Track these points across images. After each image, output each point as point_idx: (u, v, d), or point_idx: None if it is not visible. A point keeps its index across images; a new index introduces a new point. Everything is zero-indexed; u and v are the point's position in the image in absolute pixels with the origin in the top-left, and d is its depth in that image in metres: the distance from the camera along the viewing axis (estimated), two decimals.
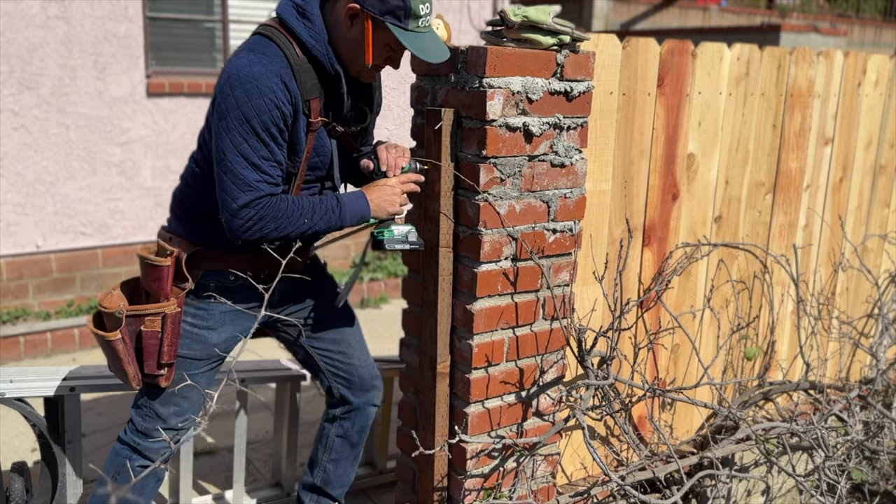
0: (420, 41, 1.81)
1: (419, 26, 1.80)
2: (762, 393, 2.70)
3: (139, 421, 2.02)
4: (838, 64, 2.69)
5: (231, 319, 2.01)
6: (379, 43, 1.83)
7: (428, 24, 1.83)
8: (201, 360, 2.00)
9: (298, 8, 1.84)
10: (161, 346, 1.91)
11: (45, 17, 4.68)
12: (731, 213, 2.53)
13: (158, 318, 1.89)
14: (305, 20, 1.83)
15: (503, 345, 1.99)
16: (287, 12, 1.84)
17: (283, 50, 1.80)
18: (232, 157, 1.76)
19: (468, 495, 2.04)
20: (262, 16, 5.57)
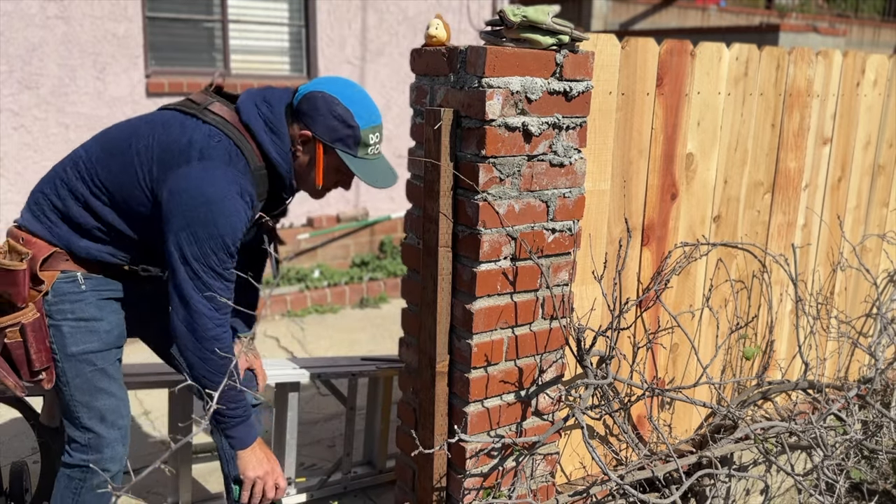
0: (369, 168, 1.92)
1: (368, 153, 1.92)
2: (761, 392, 2.70)
3: (79, 436, 1.96)
4: (837, 64, 2.69)
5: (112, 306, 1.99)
6: (329, 167, 1.94)
7: (378, 152, 1.95)
8: (103, 350, 1.97)
9: (267, 121, 1.90)
10: (28, 355, 1.88)
11: (45, 17, 4.68)
12: (730, 212, 2.53)
13: (17, 328, 1.85)
14: (274, 136, 1.90)
15: (502, 344, 2.00)
16: (256, 124, 1.89)
17: (248, 161, 1.86)
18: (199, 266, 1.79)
19: (467, 494, 2.05)
20: (261, 16, 5.58)
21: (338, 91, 1.90)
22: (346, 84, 1.94)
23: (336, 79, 1.96)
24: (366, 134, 1.89)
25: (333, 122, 1.87)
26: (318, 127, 1.88)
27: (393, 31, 6.07)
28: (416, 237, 2.11)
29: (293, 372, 2.63)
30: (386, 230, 6.21)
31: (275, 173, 1.92)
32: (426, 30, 1.99)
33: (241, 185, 1.81)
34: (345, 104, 1.88)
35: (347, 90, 1.91)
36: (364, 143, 1.89)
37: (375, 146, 1.93)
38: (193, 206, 1.75)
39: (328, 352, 4.50)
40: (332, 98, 1.88)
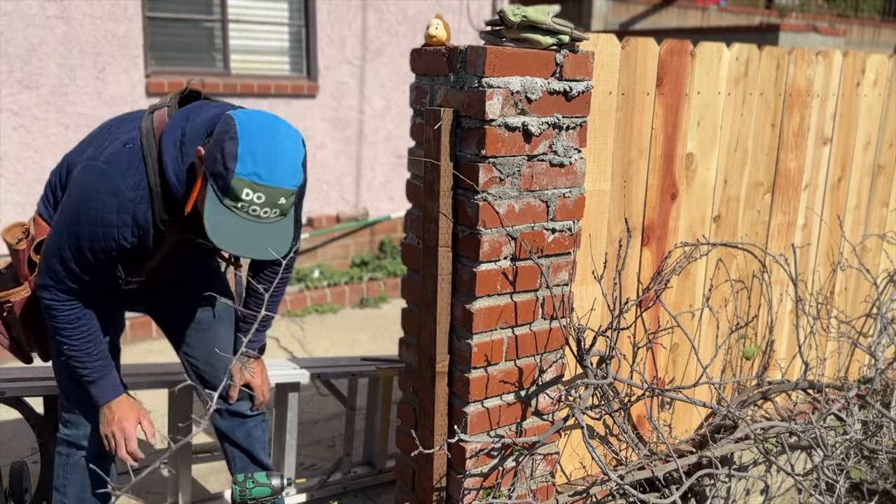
0: (228, 222, 1.64)
1: (237, 208, 1.63)
2: (761, 392, 2.70)
3: (64, 413, 2.06)
4: (837, 64, 2.69)
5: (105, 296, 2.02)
6: (201, 198, 1.71)
7: (255, 214, 1.64)
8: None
9: (183, 136, 1.76)
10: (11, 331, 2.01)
11: (45, 17, 4.68)
12: (730, 212, 2.53)
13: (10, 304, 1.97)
14: (180, 153, 1.75)
15: (502, 344, 2.00)
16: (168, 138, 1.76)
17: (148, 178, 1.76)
18: (53, 248, 1.81)
19: (467, 494, 2.05)
20: (261, 15, 5.58)
21: (248, 127, 1.65)
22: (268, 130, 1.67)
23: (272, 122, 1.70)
24: (238, 183, 1.61)
25: (217, 153, 1.63)
26: (208, 150, 1.67)
27: (393, 30, 6.07)
28: (416, 237, 2.10)
29: (293, 372, 2.63)
30: (386, 230, 6.21)
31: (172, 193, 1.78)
32: (426, 30, 1.99)
33: (121, 201, 1.72)
34: (238, 142, 1.62)
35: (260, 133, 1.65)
36: (233, 192, 1.62)
37: (251, 206, 1.63)
38: (69, 202, 1.78)
39: (328, 352, 4.50)
40: (234, 130, 1.64)
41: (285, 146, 1.67)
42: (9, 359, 4.20)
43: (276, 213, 1.67)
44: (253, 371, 2.22)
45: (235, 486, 1.90)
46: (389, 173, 6.24)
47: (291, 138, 1.70)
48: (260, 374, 2.24)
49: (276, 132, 1.67)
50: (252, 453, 2.31)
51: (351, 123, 5.98)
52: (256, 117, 1.69)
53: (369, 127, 6.09)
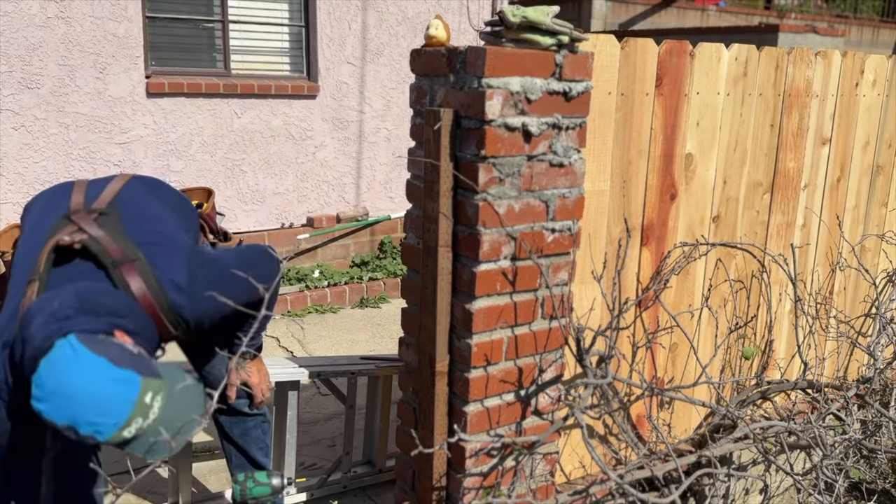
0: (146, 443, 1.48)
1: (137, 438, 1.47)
2: (760, 392, 2.71)
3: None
4: (836, 64, 2.70)
5: None
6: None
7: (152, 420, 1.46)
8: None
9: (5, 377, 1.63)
10: None
11: (45, 17, 4.68)
12: (729, 212, 2.53)
13: None
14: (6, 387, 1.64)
15: (502, 344, 2.00)
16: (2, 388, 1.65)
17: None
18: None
19: (467, 494, 2.05)
20: (261, 16, 5.58)
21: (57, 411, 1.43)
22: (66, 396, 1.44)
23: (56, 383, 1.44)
24: (117, 437, 1.45)
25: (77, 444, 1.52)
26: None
27: (393, 31, 6.08)
28: (416, 237, 2.11)
29: (293, 371, 2.64)
30: (386, 230, 6.21)
31: None
32: (426, 30, 1.99)
33: None
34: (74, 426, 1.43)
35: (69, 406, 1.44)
36: (121, 442, 1.46)
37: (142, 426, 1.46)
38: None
39: (328, 351, 4.51)
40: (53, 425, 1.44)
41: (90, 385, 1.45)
42: None
43: (156, 406, 1.48)
44: (250, 370, 2.22)
45: (236, 486, 1.91)
46: (389, 173, 6.25)
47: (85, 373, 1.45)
48: (257, 372, 2.24)
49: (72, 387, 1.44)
50: (248, 452, 2.32)
51: (351, 123, 5.99)
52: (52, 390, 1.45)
53: (369, 127, 6.09)
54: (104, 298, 1.65)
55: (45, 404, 1.45)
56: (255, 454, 2.34)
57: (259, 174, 5.62)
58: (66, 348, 1.49)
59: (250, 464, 2.34)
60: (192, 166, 5.33)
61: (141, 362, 1.53)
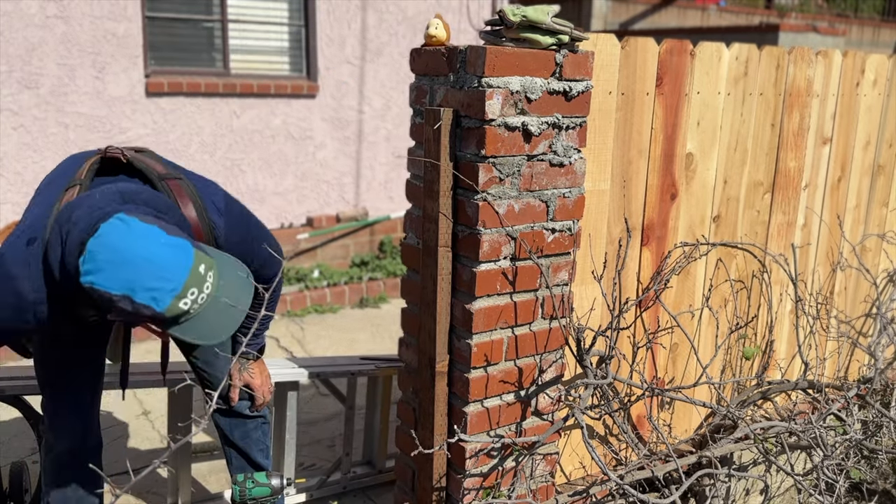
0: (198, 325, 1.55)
1: (190, 314, 1.54)
2: (761, 392, 2.70)
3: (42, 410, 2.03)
4: (837, 64, 2.69)
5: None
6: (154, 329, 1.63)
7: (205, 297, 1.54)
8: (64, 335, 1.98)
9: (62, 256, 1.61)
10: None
11: (44, 17, 4.68)
12: (730, 212, 2.53)
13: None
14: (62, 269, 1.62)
15: (502, 344, 2.00)
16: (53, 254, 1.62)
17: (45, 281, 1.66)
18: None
19: (467, 494, 2.05)
20: (261, 15, 5.58)
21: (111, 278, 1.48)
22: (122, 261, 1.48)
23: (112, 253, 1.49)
24: (172, 308, 1.50)
25: (129, 315, 1.53)
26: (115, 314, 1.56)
27: (392, 30, 6.07)
28: (416, 237, 2.10)
29: (292, 371, 2.63)
30: (385, 230, 6.21)
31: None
32: (426, 29, 1.99)
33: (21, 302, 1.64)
34: (127, 295, 1.48)
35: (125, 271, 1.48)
36: (176, 315, 1.52)
37: (196, 301, 1.53)
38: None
39: (328, 351, 4.50)
40: (108, 295, 1.49)
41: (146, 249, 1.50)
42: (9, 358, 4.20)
43: (209, 282, 1.54)
44: (252, 372, 2.22)
45: (235, 486, 1.91)
46: (389, 173, 6.25)
47: (140, 237, 1.51)
48: (260, 374, 2.24)
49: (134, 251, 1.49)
50: (248, 454, 2.32)
51: (351, 123, 5.98)
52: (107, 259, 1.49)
53: (369, 127, 6.09)
54: (146, 195, 1.69)
55: (99, 275, 1.48)
56: (256, 456, 2.33)
57: (258, 174, 5.62)
58: (116, 222, 1.52)
59: (250, 465, 2.33)
60: (191, 166, 5.33)
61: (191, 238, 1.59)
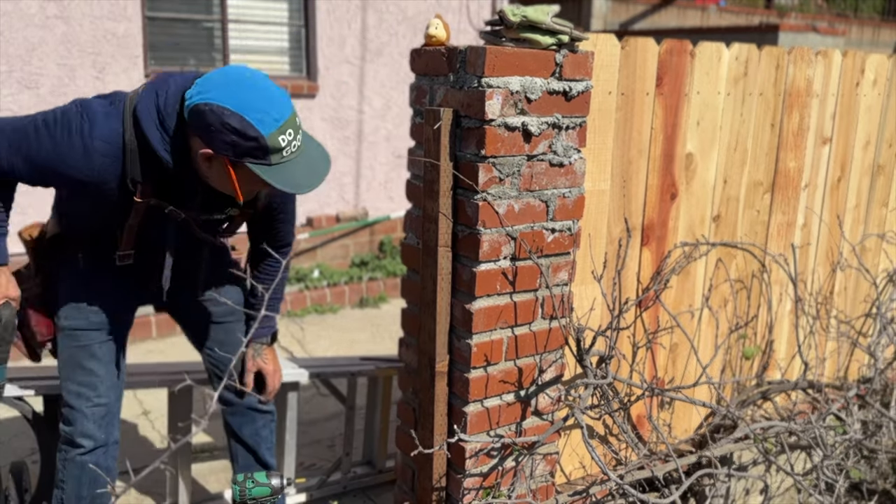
0: (287, 172, 1.70)
1: (284, 156, 1.69)
2: (760, 392, 2.70)
3: (63, 408, 2.05)
4: (836, 64, 2.69)
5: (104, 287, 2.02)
6: (245, 181, 1.73)
7: (297, 147, 1.71)
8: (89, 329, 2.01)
9: (160, 114, 1.74)
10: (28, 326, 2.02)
11: (44, 17, 4.68)
12: (730, 212, 2.53)
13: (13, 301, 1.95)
14: (164, 132, 1.74)
15: (502, 344, 2.00)
16: (146, 117, 1.73)
17: (124, 136, 1.74)
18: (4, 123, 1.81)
19: (467, 494, 2.05)
20: (261, 15, 5.58)
21: (227, 96, 1.64)
22: (236, 83, 1.67)
23: (225, 77, 1.68)
24: (273, 139, 1.65)
25: (231, 137, 1.64)
26: (216, 144, 1.66)
27: (392, 30, 6.07)
28: (416, 237, 2.10)
29: (292, 371, 2.64)
30: (385, 230, 6.21)
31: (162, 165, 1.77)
32: (426, 29, 1.99)
33: (87, 147, 1.72)
34: (238, 112, 1.63)
35: (238, 92, 1.65)
36: (275, 148, 1.66)
37: (291, 144, 1.69)
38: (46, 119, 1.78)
39: (328, 352, 4.50)
40: (220, 109, 1.63)
41: (261, 80, 1.70)
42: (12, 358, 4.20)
43: (301, 135, 1.72)
44: (266, 358, 2.20)
45: (235, 486, 1.91)
46: (389, 173, 6.24)
47: (254, 72, 1.72)
48: (272, 360, 2.21)
49: (241, 82, 1.68)
50: (257, 452, 2.32)
51: (350, 123, 5.98)
52: (221, 82, 1.67)
53: (369, 127, 6.09)
54: None
55: (215, 92, 1.64)
56: (264, 454, 2.33)
57: None
58: (230, 65, 1.73)
59: (258, 463, 2.33)
60: None
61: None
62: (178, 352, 4.34)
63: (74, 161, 1.74)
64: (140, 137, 1.74)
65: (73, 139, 1.73)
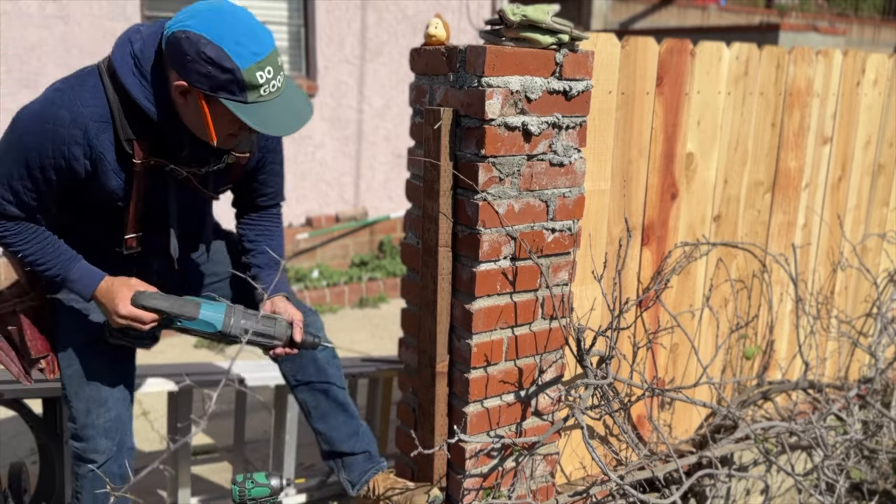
0: (265, 113, 1.62)
1: (262, 95, 1.61)
2: (761, 392, 2.70)
3: (70, 425, 1.95)
4: (837, 63, 2.69)
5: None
6: (220, 119, 1.65)
7: (277, 87, 1.63)
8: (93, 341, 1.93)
9: (136, 62, 1.66)
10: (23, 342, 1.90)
11: (44, 17, 4.67)
12: (730, 212, 2.53)
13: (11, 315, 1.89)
14: (142, 78, 1.66)
15: (502, 344, 1.99)
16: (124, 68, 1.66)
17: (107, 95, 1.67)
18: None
19: (467, 495, 2.04)
20: (260, 15, 5.57)
21: (205, 25, 1.57)
22: (217, 13, 1.60)
23: (207, 6, 1.61)
24: (250, 74, 1.57)
25: (206, 68, 1.56)
26: (190, 75, 1.58)
27: (392, 30, 6.07)
28: (416, 237, 2.10)
29: None
30: (385, 230, 6.20)
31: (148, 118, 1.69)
32: (425, 29, 1.98)
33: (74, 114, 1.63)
34: (215, 42, 1.55)
35: (218, 21, 1.58)
36: (251, 84, 1.58)
37: (270, 83, 1.61)
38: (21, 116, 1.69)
39: None
40: (197, 37, 1.55)
41: (243, 14, 1.62)
42: None
43: (282, 76, 1.64)
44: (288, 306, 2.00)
45: (234, 487, 1.90)
46: (389, 173, 6.24)
47: (240, 7, 1.64)
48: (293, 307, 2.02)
49: (227, 10, 1.61)
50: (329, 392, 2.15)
51: (350, 123, 5.98)
52: (202, 9, 1.61)
53: (368, 126, 6.08)
54: None
55: (194, 20, 1.57)
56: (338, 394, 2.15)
57: None
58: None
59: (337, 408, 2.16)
60: None
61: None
62: (178, 352, 4.34)
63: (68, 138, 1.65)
64: (119, 90, 1.67)
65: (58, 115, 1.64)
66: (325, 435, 2.18)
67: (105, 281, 1.80)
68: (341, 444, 2.18)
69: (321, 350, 2.11)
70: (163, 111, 1.68)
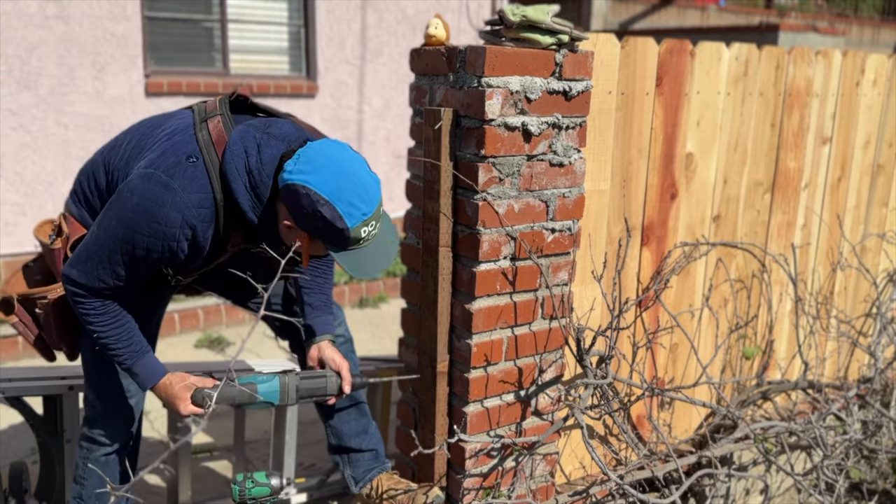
0: (358, 257, 1.73)
1: (359, 245, 1.72)
2: (761, 392, 2.70)
3: (86, 409, 2.03)
4: (836, 63, 2.69)
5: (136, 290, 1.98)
6: (316, 251, 1.78)
7: (372, 237, 1.72)
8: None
9: (251, 175, 1.73)
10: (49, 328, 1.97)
11: (44, 17, 4.67)
12: (730, 212, 2.53)
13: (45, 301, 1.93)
14: (253, 194, 1.74)
15: (502, 344, 2.00)
16: (236, 178, 1.72)
17: (214, 195, 1.73)
18: (96, 247, 1.74)
19: (467, 494, 2.04)
20: (260, 15, 5.58)
21: (323, 183, 1.65)
22: (336, 169, 1.67)
23: (327, 160, 1.68)
24: (356, 231, 1.68)
25: (318, 224, 1.67)
26: (301, 223, 1.69)
27: (392, 30, 6.07)
28: (416, 237, 2.10)
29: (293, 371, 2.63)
30: None
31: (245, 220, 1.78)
32: (425, 29, 1.99)
33: (186, 218, 1.70)
34: (331, 203, 1.64)
35: (334, 179, 1.65)
36: (355, 238, 1.69)
37: (370, 235, 1.72)
38: (128, 208, 1.71)
39: None
40: (316, 197, 1.64)
41: (360, 170, 1.69)
42: (12, 358, 4.20)
43: (379, 222, 1.74)
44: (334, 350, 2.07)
45: (235, 486, 1.91)
46: (389, 173, 6.24)
47: (354, 156, 1.71)
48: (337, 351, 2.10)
49: (343, 167, 1.67)
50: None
51: (350, 123, 5.98)
52: (322, 164, 1.66)
53: (368, 127, 6.08)
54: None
55: (314, 175, 1.65)
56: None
57: None
58: (330, 140, 1.74)
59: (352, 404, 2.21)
60: None
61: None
62: (178, 352, 4.34)
63: (179, 235, 1.71)
64: (228, 193, 1.75)
65: (169, 218, 1.69)
66: (335, 429, 2.22)
67: (165, 378, 1.88)
68: (350, 439, 2.21)
69: (340, 343, 2.18)
70: (263, 224, 1.77)
